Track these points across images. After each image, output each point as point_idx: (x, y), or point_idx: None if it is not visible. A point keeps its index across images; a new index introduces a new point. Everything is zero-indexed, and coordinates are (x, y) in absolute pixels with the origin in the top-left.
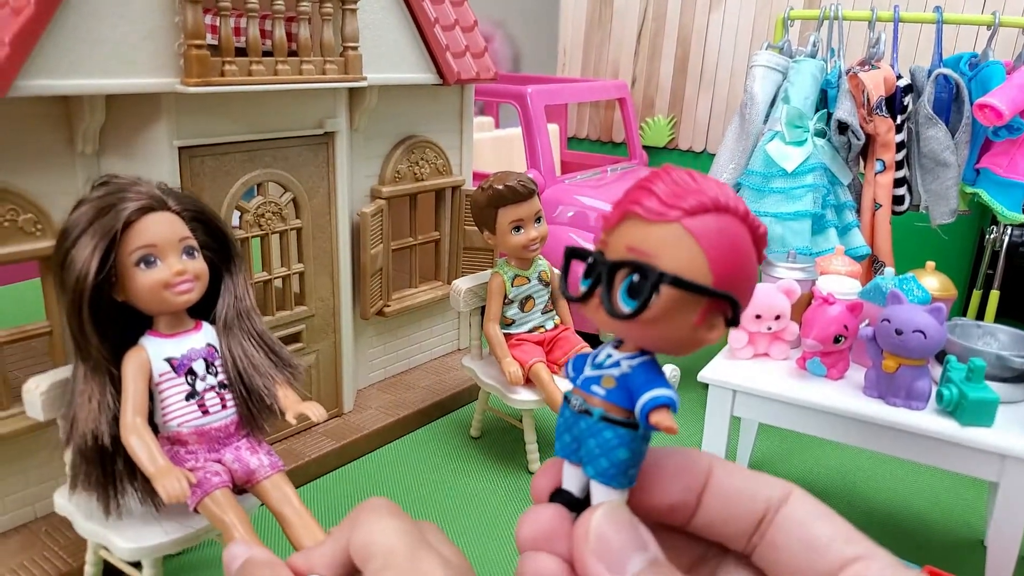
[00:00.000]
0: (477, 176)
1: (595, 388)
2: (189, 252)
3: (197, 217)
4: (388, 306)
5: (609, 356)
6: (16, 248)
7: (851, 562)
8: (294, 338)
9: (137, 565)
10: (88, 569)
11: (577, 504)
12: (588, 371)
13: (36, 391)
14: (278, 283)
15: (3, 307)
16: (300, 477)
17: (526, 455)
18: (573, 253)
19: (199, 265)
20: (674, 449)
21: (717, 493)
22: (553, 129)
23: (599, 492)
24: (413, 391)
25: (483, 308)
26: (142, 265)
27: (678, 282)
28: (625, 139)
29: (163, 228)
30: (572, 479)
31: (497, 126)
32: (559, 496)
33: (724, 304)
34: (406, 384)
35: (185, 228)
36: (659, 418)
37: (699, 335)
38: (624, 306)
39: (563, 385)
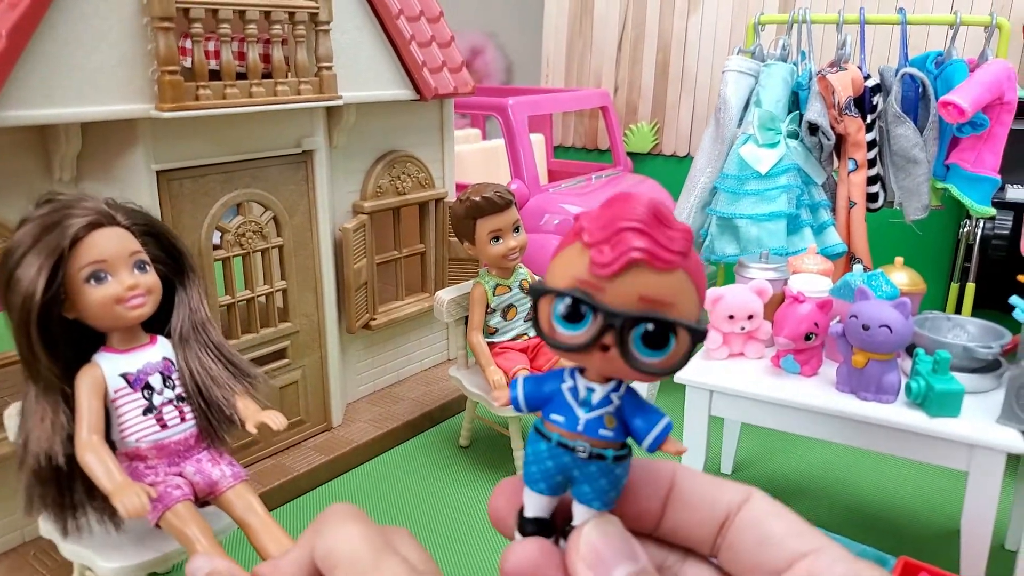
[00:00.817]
0: (462, 187)
1: (603, 432)
2: (140, 266)
3: (148, 231)
4: (374, 319)
5: (591, 391)
6: None
7: (802, 556)
8: (279, 355)
9: None
10: None
11: (547, 526)
12: (583, 413)
13: (18, 416)
14: (261, 300)
15: None
16: (290, 491)
17: (514, 462)
18: (542, 292)
19: (151, 279)
20: (638, 460)
21: (681, 499)
22: (538, 139)
23: (583, 512)
24: (402, 403)
25: (467, 318)
26: (92, 281)
27: (699, 332)
28: (609, 146)
29: (113, 243)
30: (542, 506)
31: (484, 137)
32: (529, 524)
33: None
34: (395, 396)
35: (135, 242)
36: (673, 447)
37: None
38: (645, 358)
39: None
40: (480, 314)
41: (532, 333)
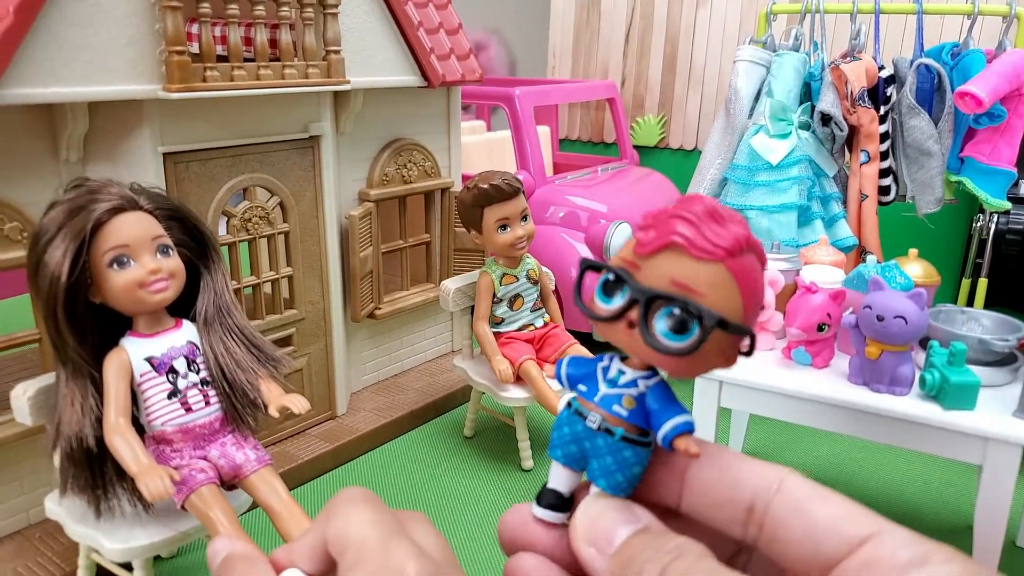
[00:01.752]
0: (467, 178)
1: (616, 408)
2: (163, 250)
3: (172, 215)
4: (379, 308)
5: (622, 373)
6: (3, 256)
7: (860, 543)
8: (285, 342)
9: (128, 567)
10: (81, 573)
11: (564, 503)
12: (604, 388)
13: (24, 396)
14: (267, 287)
15: None
16: (294, 479)
17: (519, 452)
18: (589, 266)
19: (174, 263)
20: None
21: (698, 476)
22: (544, 131)
23: (591, 492)
24: (406, 393)
25: (473, 308)
26: (115, 266)
27: (728, 325)
28: (616, 139)
29: (135, 228)
30: (562, 480)
31: (489, 129)
32: (547, 494)
33: (742, 338)
34: (399, 386)
35: (158, 227)
36: (685, 445)
37: (715, 365)
38: (665, 340)
39: (553, 383)
40: (486, 304)
41: (539, 323)
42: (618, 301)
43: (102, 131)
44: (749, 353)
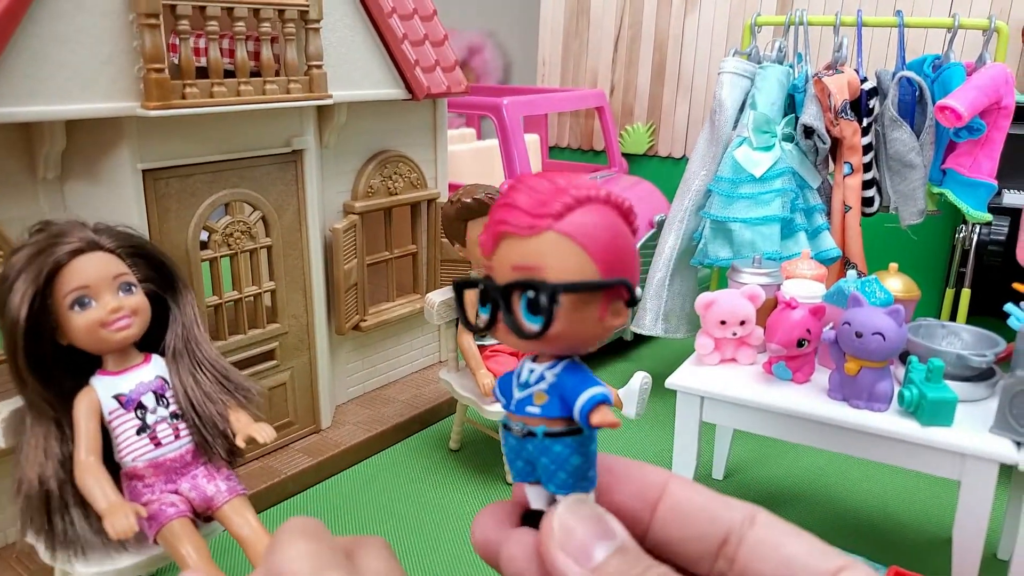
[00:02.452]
0: (455, 188)
1: (530, 409)
2: (126, 288)
3: (135, 252)
4: (364, 321)
5: (531, 371)
6: None
7: (832, 575)
8: (268, 356)
9: None
10: None
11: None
12: (517, 393)
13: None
14: (250, 300)
15: None
16: (277, 494)
17: (504, 465)
18: (462, 285)
19: (136, 300)
20: (629, 459)
21: (674, 509)
22: (533, 139)
23: (537, 495)
24: (392, 405)
25: (458, 320)
26: (76, 307)
27: (571, 287)
28: (604, 147)
29: (95, 268)
30: (537, 498)
31: (480, 136)
32: (530, 517)
33: (619, 289)
34: (385, 399)
35: (121, 265)
36: (599, 418)
37: (606, 325)
38: (529, 323)
39: None
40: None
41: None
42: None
43: (80, 148)
44: (632, 302)
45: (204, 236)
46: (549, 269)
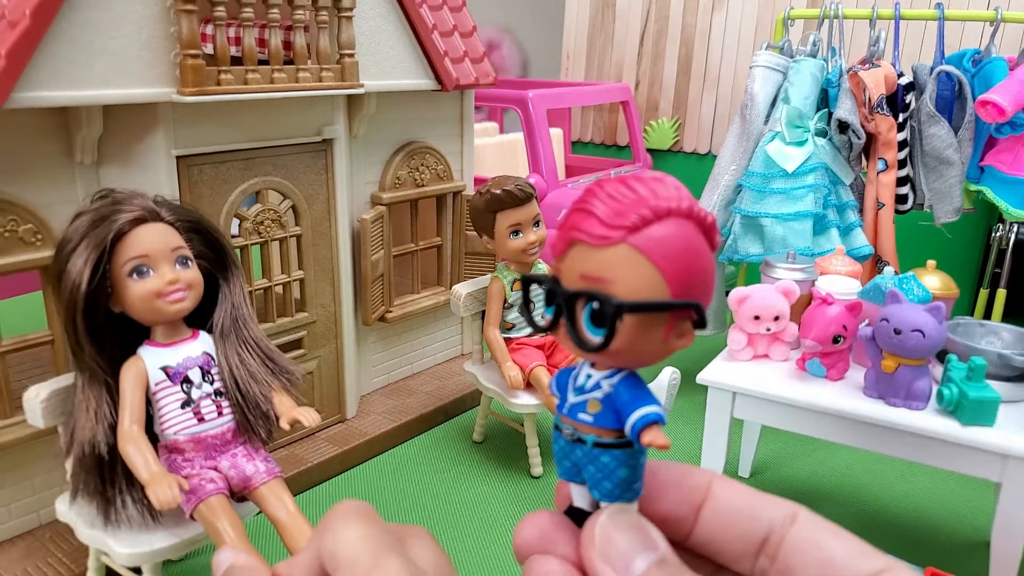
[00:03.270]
0: (479, 181)
1: (582, 416)
2: (182, 262)
3: (193, 228)
4: (390, 312)
5: (589, 377)
6: (16, 258)
7: None
8: (295, 344)
9: (137, 570)
10: (90, 575)
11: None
12: (572, 397)
13: (36, 399)
14: (278, 290)
15: (9, 319)
16: (302, 483)
17: (528, 459)
18: (529, 280)
19: (192, 274)
20: (673, 463)
21: (717, 509)
22: (557, 133)
23: (584, 496)
24: (416, 396)
25: (484, 313)
26: (135, 275)
27: (637, 307)
28: (629, 142)
29: (155, 238)
30: (581, 496)
31: (502, 131)
32: (571, 513)
33: (688, 311)
34: (409, 389)
35: (179, 238)
36: (651, 437)
37: (669, 346)
38: (591, 335)
39: None
40: (497, 309)
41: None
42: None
43: (116, 134)
44: (701, 325)
45: (235, 224)
46: (618, 284)
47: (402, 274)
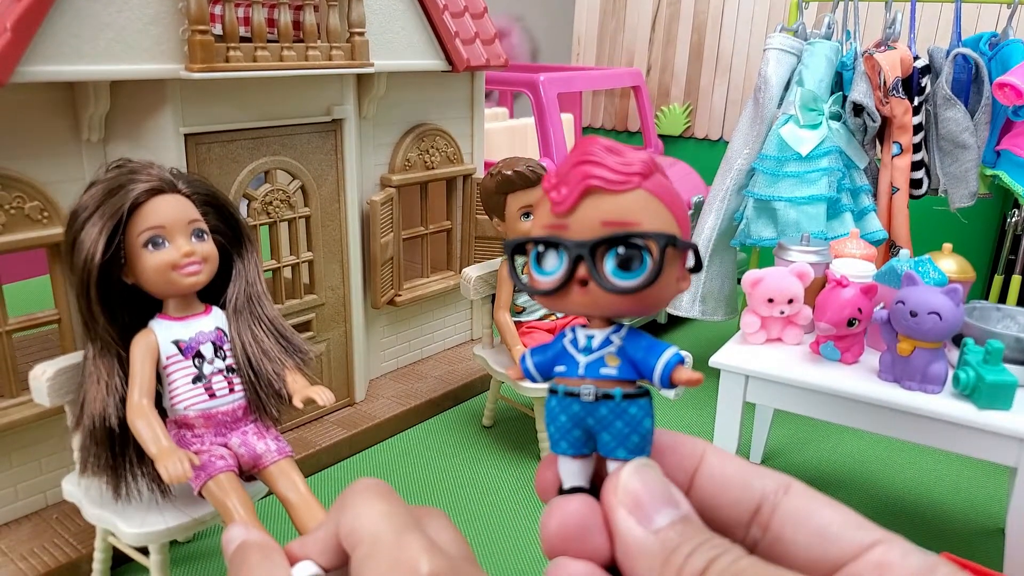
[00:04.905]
0: (489, 166)
1: (605, 371)
2: (198, 235)
3: (208, 201)
4: (399, 295)
5: (591, 337)
6: (23, 236)
7: (869, 547)
8: (304, 327)
9: (144, 551)
10: (97, 555)
11: (590, 494)
12: (583, 358)
13: (42, 377)
14: (287, 272)
15: (15, 303)
16: (311, 466)
17: (538, 443)
18: (516, 245)
19: (208, 248)
20: (664, 430)
21: (710, 477)
22: (567, 119)
23: (613, 466)
24: (425, 381)
25: (494, 296)
26: (150, 246)
27: (677, 241)
28: (640, 128)
29: (172, 210)
30: (575, 473)
31: (511, 116)
32: (571, 493)
33: (687, 253)
34: (418, 374)
35: (195, 211)
36: (686, 376)
37: (680, 288)
38: (622, 281)
39: None
40: (508, 292)
41: (560, 313)
42: (559, 267)
43: (124, 111)
44: (696, 268)
45: (243, 205)
46: (644, 225)
47: (411, 258)
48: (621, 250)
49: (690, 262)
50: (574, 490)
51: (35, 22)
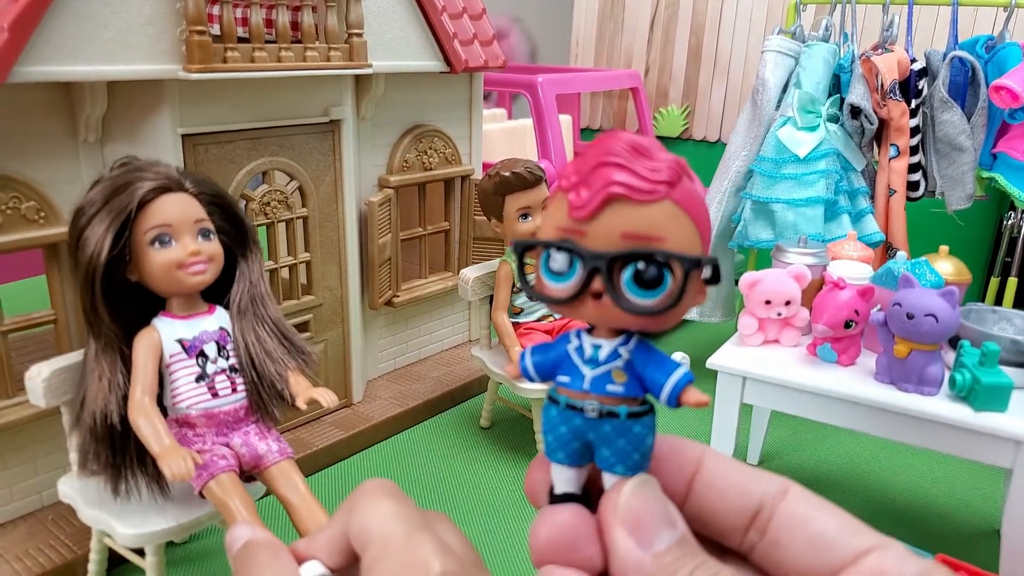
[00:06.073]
0: (488, 167)
1: (611, 388)
2: (204, 234)
3: (214, 201)
4: (397, 296)
5: (598, 347)
6: (19, 236)
7: (864, 553)
8: (302, 327)
9: (140, 552)
10: (92, 556)
11: (582, 502)
12: (589, 371)
13: (38, 378)
14: (285, 272)
15: (11, 303)
16: (309, 467)
17: (536, 444)
18: (526, 246)
19: (214, 247)
20: (663, 436)
21: (708, 482)
22: (566, 120)
23: (610, 480)
24: (423, 382)
25: (492, 297)
26: (156, 244)
27: (701, 262)
28: (638, 129)
29: (178, 208)
30: (569, 480)
31: (510, 117)
32: (559, 502)
33: (704, 269)
34: (416, 375)
35: (201, 210)
36: (695, 398)
37: (695, 302)
38: (640, 299)
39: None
40: (506, 294)
41: (558, 314)
42: (572, 275)
43: (121, 111)
44: (714, 281)
45: (241, 205)
46: (669, 242)
47: (409, 259)
48: (641, 266)
49: (706, 274)
50: (565, 496)
51: (32, 22)
